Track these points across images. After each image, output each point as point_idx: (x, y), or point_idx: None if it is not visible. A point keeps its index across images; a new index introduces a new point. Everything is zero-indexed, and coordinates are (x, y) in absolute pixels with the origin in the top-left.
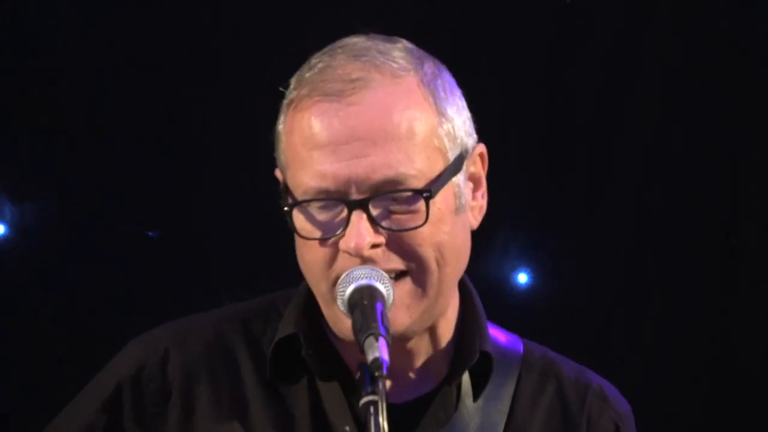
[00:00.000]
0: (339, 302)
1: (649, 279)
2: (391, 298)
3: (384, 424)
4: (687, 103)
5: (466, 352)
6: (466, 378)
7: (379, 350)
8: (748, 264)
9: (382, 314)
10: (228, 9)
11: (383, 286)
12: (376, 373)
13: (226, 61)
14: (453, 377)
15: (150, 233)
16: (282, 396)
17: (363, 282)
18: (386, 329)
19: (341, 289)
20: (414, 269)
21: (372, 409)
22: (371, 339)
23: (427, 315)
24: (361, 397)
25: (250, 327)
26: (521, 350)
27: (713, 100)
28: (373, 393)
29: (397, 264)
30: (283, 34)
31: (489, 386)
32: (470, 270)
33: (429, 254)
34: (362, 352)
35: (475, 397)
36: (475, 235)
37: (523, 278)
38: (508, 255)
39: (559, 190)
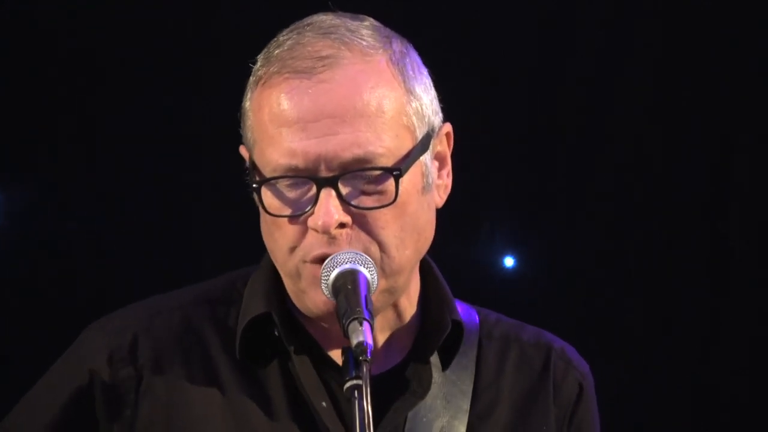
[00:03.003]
0: (323, 286)
1: (634, 262)
2: (376, 282)
3: (368, 408)
4: (678, 93)
5: (434, 324)
6: None
7: (363, 334)
8: (736, 250)
9: (366, 298)
10: (227, 9)
11: (367, 271)
12: (360, 357)
13: (215, 57)
14: (425, 350)
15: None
16: (254, 376)
17: (347, 266)
18: (370, 313)
19: (325, 273)
20: (372, 253)
21: (356, 393)
22: (355, 323)
23: (388, 294)
24: (345, 381)
25: (215, 309)
26: (477, 318)
27: (705, 91)
28: (358, 377)
29: (359, 248)
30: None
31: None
32: (457, 254)
33: (390, 239)
34: (346, 336)
35: (444, 366)
36: (462, 219)
37: (509, 262)
38: (495, 239)
39: (546, 175)
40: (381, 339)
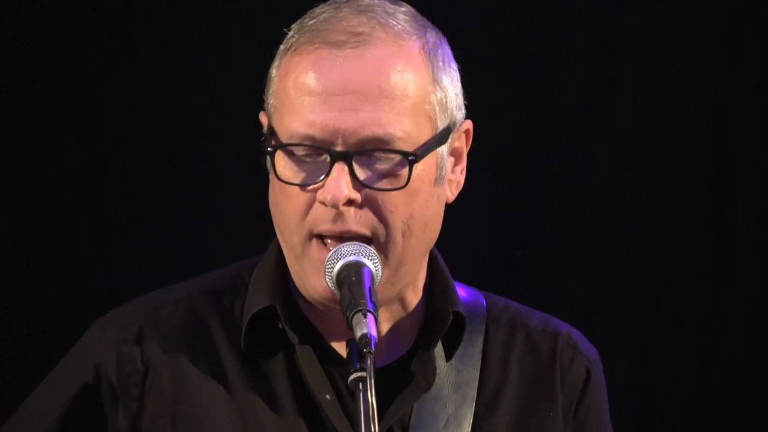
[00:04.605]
0: (327, 278)
1: (644, 254)
2: (380, 274)
3: (372, 400)
4: (673, 76)
5: (437, 316)
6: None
7: (367, 326)
8: (741, 234)
9: (370, 290)
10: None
11: (371, 263)
12: (365, 350)
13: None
14: (428, 342)
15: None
16: (259, 368)
17: (351, 258)
18: (374, 305)
19: (329, 265)
20: (379, 236)
21: (361, 386)
22: (359, 315)
23: (389, 284)
24: (349, 374)
25: (221, 300)
26: (484, 304)
27: (705, 71)
28: (362, 370)
29: (365, 229)
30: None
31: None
32: (466, 246)
33: (397, 224)
34: (350, 328)
35: (448, 357)
36: (471, 212)
37: (517, 255)
38: (503, 232)
39: (551, 168)
40: (386, 330)
